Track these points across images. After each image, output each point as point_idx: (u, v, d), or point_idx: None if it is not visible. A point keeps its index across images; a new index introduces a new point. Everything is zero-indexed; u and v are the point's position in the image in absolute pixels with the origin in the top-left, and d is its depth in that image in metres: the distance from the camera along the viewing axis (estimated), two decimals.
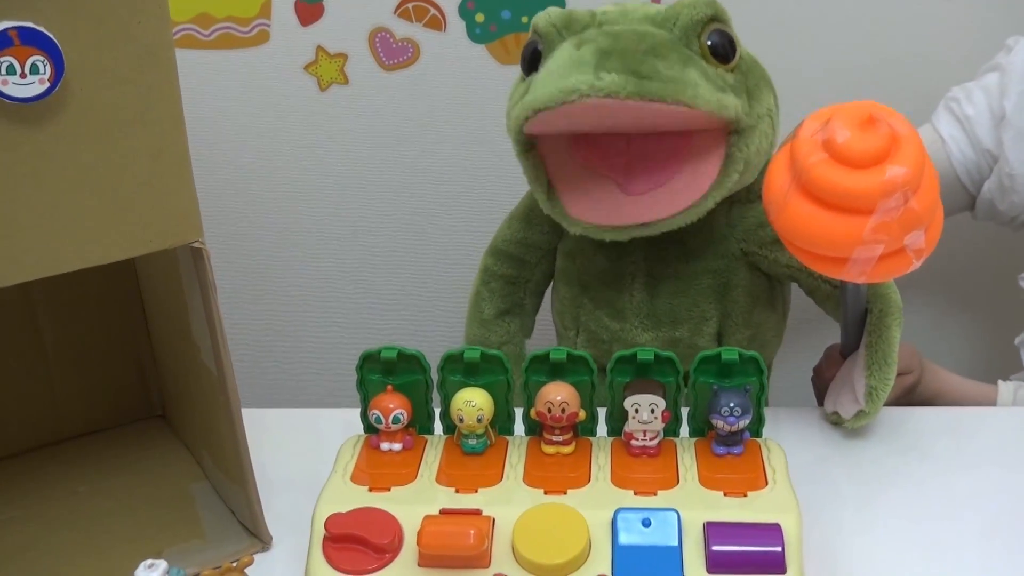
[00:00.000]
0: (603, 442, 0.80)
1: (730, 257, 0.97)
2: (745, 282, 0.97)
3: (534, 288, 1.07)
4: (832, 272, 0.79)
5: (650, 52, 0.84)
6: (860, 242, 0.75)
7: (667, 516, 0.71)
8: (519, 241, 1.05)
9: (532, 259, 1.05)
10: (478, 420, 0.77)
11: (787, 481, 0.75)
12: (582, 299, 1.01)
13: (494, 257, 1.06)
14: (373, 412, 0.79)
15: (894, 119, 0.76)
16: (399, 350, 0.79)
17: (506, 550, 0.70)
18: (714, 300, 0.97)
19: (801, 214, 0.77)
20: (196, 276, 0.74)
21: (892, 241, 0.76)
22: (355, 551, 0.71)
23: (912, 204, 0.75)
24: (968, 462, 0.90)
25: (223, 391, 0.77)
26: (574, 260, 1.01)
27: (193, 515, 0.86)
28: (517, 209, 1.05)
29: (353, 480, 0.77)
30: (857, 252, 0.76)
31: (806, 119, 0.79)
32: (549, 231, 1.03)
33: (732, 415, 0.76)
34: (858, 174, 0.74)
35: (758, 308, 0.99)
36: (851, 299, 0.90)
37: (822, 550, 0.78)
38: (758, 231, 0.95)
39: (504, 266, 1.06)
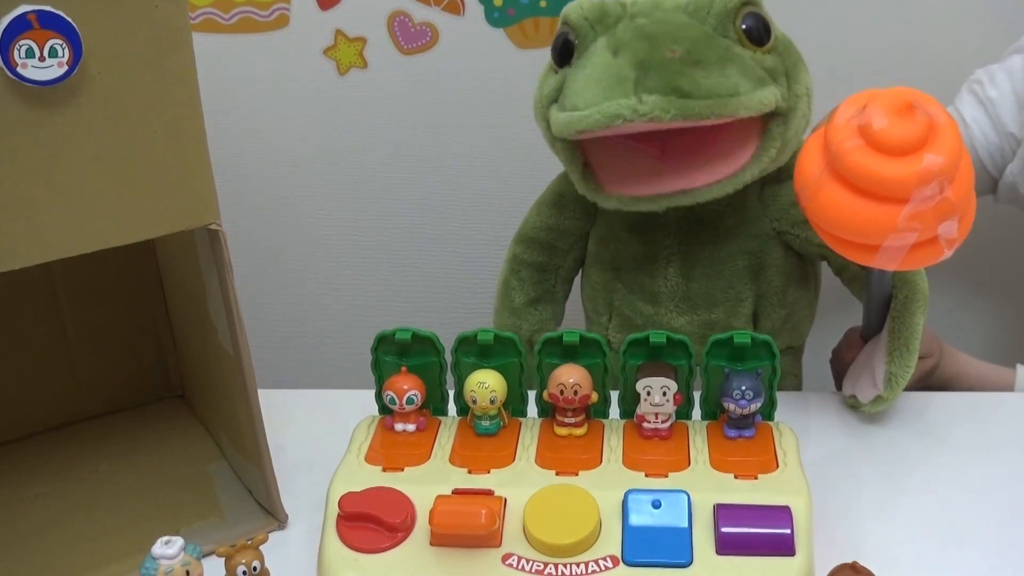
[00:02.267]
0: (615, 424, 0.80)
1: (764, 237, 0.96)
2: (779, 261, 0.97)
3: (565, 275, 1.06)
4: (862, 259, 0.79)
5: (688, 59, 0.83)
6: (893, 230, 0.75)
7: (677, 498, 0.72)
8: (550, 228, 1.03)
9: (563, 246, 1.04)
10: (491, 402, 0.78)
11: (798, 464, 0.76)
12: (615, 284, 1.01)
13: (523, 245, 1.04)
14: (387, 393, 0.79)
15: (932, 107, 0.76)
16: (413, 332, 0.80)
17: (517, 530, 0.71)
18: (749, 281, 0.97)
19: (834, 200, 0.77)
20: (213, 258, 0.75)
21: (925, 230, 0.75)
22: (368, 530, 0.72)
23: (947, 194, 0.74)
24: (986, 448, 0.90)
25: (239, 372, 0.77)
26: (607, 245, 1.01)
27: (211, 494, 0.87)
28: (546, 195, 1.04)
29: (367, 460, 0.78)
30: (889, 240, 0.76)
31: (841, 104, 0.78)
32: (581, 216, 1.02)
33: (744, 398, 0.76)
34: (894, 162, 0.74)
35: (792, 287, 0.99)
36: (876, 283, 0.90)
37: (836, 533, 0.78)
38: (791, 210, 0.95)
39: (534, 254, 1.04)
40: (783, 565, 0.68)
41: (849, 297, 1.00)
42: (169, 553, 0.69)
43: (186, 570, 0.69)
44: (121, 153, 0.68)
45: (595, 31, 0.89)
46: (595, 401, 0.79)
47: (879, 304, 0.92)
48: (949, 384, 1.03)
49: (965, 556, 0.78)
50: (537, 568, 0.69)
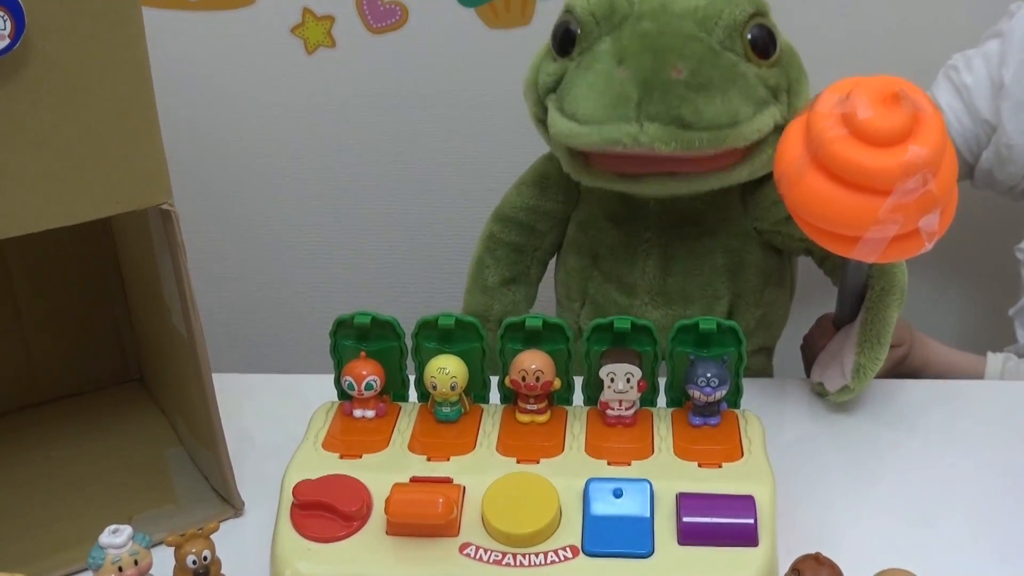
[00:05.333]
0: (578, 411, 0.79)
1: (744, 236, 0.95)
2: (758, 261, 0.96)
3: (541, 257, 1.05)
4: (841, 250, 0.78)
5: (692, 82, 0.83)
6: (874, 222, 0.73)
7: (639, 486, 0.70)
8: (530, 208, 1.02)
9: (542, 227, 1.03)
10: (452, 388, 0.76)
11: (763, 452, 0.74)
12: (592, 271, 0.99)
13: (501, 223, 1.03)
14: (346, 378, 0.78)
15: (918, 97, 0.74)
16: (373, 316, 0.78)
17: (476, 519, 0.70)
18: (727, 279, 0.96)
19: (814, 189, 0.76)
20: (166, 238, 0.73)
21: (907, 223, 0.74)
22: (323, 518, 0.70)
23: (931, 186, 0.73)
24: (955, 435, 0.89)
25: (193, 354, 0.76)
26: (587, 231, 1.00)
27: (166, 480, 0.85)
28: (528, 175, 1.02)
29: (324, 447, 0.76)
30: (870, 232, 0.74)
31: (824, 91, 0.76)
32: (563, 199, 1.01)
33: (709, 385, 0.75)
34: (878, 152, 0.72)
35: (769, 287, 0.98)
36: (853, 271, 0.89)
37: (802, 522, 0.77)
38: (772, 209, 0.93)
39: (512, 233, 1.03)
40: (745, 556, 0.67)
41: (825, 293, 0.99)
42: (117, 542, 0.67)
43: (134, 560, 0.67)
44: (67, 130, 0.66)
45: (600, 28, 0.87)
46: (558, 388, 0.77)
47: (854, 293, 0.90)
48: (920, 372, 1.02)
49: (933, 544, 0.77)
50: (495, 558, 0.68)
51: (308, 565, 0.69)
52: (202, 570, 0.67)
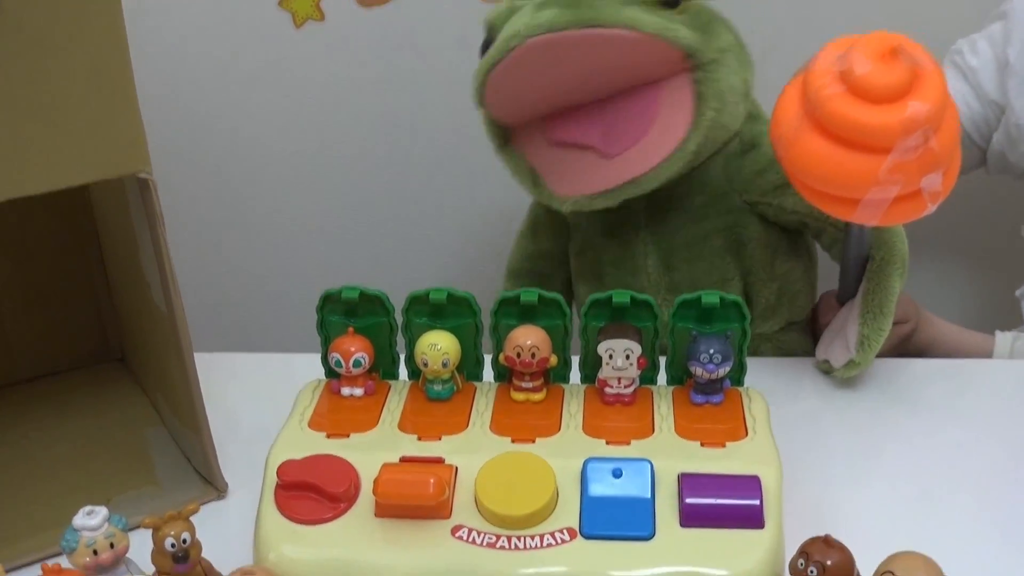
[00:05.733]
0: (575, 389, 0.76)
1: (736, 212, 0.93)
2: (758, 234, 0.93)
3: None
4: (842, 214, 0.75)
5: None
6: (875, 182, 0.71)
7: (640, 466, 0.67)
8: (530, 256, 1.05)
9: (548, 270, 1.04)
10: (443, 365, 0.73)
11: (768, 432, 0.71)
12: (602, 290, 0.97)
13: (513, 280, 1.06)
14: (333, 355, 0.74)
15: (917, 52, 0.71)
16: (361, 290, 0.75)
17: (469, 501, 0.67)
18: (731, 259, 0.93)
19: (812, 150, 0.73)
20: (144, 209, 0.69)
21: (908, 183, 0.71)
22: (308, 500, 0.67)
23: (932, 144, 0.70)
24: (962, 414, 0.87)
25: (173, 330, 0.72)
26: (585, 255, 0.99)
27: (147, 462, 0.82)
28: (523, 227, 1.05)
29: (311, 426, 0.73)
30: (871, 193, 0.71)
31: (822, 49, 0.74)
32: (555, 236, 1.03)
33: (712, 362, 0.72)
34: (877, 109, 0.70)
35: (779, 259, 0.95)
36: (854, 243, 0.86)
37: (808, 503, 0.74)
38: (756, 180, 0.91)
39: (522, 284, 1.03)
40: (751, 538, 0.64)
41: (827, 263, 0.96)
42: (91, 524, 0.64)
43: (110, 543, 0.64)
44: (38, 94, 0.63)
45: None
46: (554, 365, 0.74)
47: (855, 266, 0.88)
48: (926, 350, 0.99)
49: (941, 523, 0.74)
50: (489, 541, 0.65)
51: (293, 548, 0.66)
52: (181, 553, 0.64)
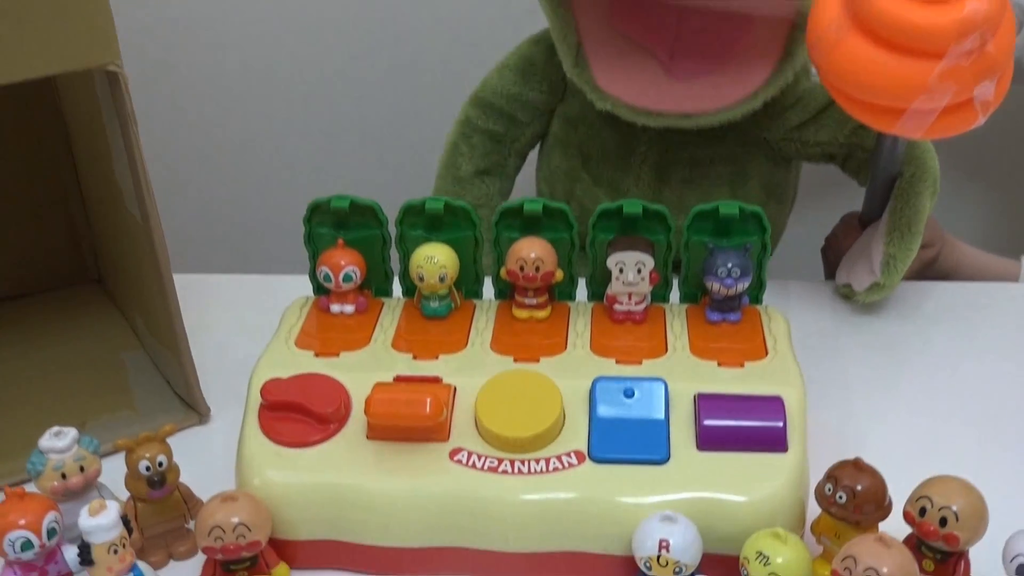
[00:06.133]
0: (582, 307, 0.71)
1: (751, 145, 0.88)
2: (761, 173, 0.89)
3: (520, 149, 0.97)
4: (883, 125, 0.69)
5: None
6: (924, 90, 0.65)
7: (653, 386, 0.62)
8: (511, 96, 0.93)
9: (524, 118, 0.94)
10: (440, 279, 0.68)
11: (790, 351, 0.66)
12: (580, 172, 0.92)
13: (479, 109, 0.94)
14: (322, 269, 0.69)
15: None
16: (351, 200, 0.69)
17: (468, 422, 0.62)
18: (728, 192, 0.89)
19: (856, 55, 0.67)
20: (114, 107, 0.64)
21: (960, 91, 0.65)
22: (295, 421, 0.62)
23: (989, 48, 0.64)
24: (986, 340, 0.82)
25: (148, 240, 0.67)
26: (576, 128, 0.92)
27: (124, 385, 0.77)
28: (511, 59, 0.93)
29: (298, 344, 0.68)
30: (918, 102, 0.66)
31: None
32: (548, 91, 0.93)
33: (730, 276, 0.67)
34: (930, 9, 0.64)
35: (771, 203, 0.90)
36: (885, 160, 0.81)
37: (829, 430, 0.70)
38: (780, 118, 0.86)
39: (490, 120, 0.94)
40: (773, 463, 0.59)
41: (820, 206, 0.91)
42: (59, 446, 0.59)
43: (80, 466, 0.59)
44: None
45: None
46: (559, 280, 0.69)
47: (884, 184, 0.83)
48: (949, 276, 0.94)
49: (965, 452, 0.70)
50: (490, 465, 0.60)
51: (278, 473, 0.61)
52: (157, 477, 0.60)
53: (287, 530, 0.61)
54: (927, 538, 0.55)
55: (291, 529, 0.61)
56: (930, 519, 0.55)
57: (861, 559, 0.51)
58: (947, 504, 0.54)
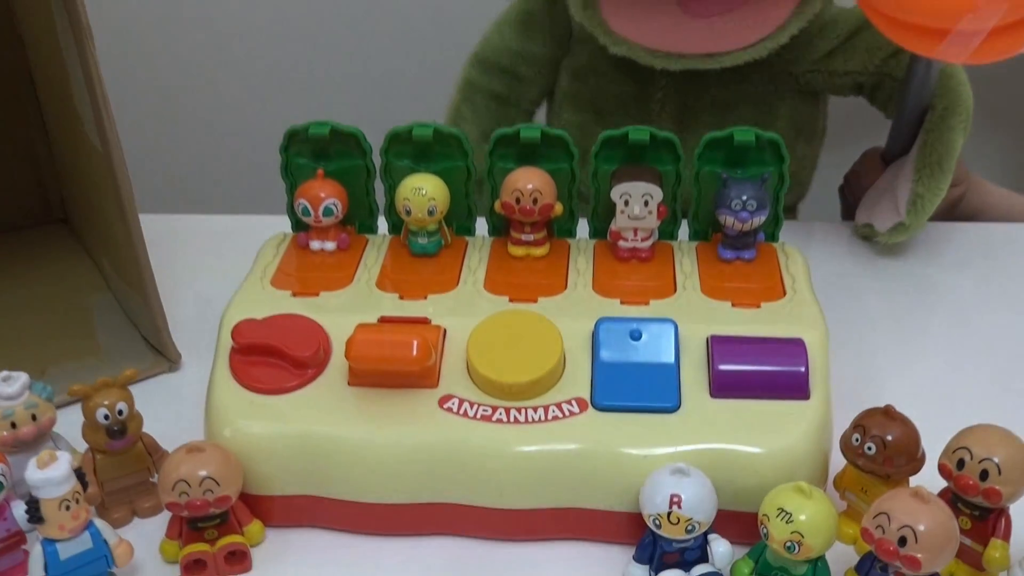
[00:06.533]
0: (584, 244, 0.65)
1: (777, 81, 0.83)
2: (790, 111, 0.84)
3: (527, 108, 0.92)
4: (924, 48, 0.64)
5: None
6: (971, 8, 0.60)
7: (662, 328, 0.57)
8: (513, 52, 0.88)
9: (528, 73, 0.89)
10: (429, 213, 0.62)
11: (810, 291, 0.61)
12: (594, 128, 0.86)
13: (480, 69, 0.89)
14: (300, 202, 0.64)
15: None
16: (332, 126, 0.63)
17: (459, 367, 0.56)
18: None
19: None
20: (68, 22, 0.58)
21: (1013, 10, 0.60)
22: (269, 366, 0.57)
23: None
24: (1015, 283, 0.78)
25: (109, 170, 0.61)
26: (586, 81, 0.86)
27: (89, 330, 0.72)
28: (509, 14, 0.89)
29: (274, 283, 0.62)
30: (965, 22, 0.60)
31: None
32: (551, 43, 0.88)
33: (745, 210, 0.61)
34: None
35: (801, 142, 0.86)
36: (915, 91, 0.76)
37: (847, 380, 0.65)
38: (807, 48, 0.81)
39: (493, 80, 0.89)
40: (794, 411, 0.54)
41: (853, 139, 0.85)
42: (8, 392, 0.54)
43: (31, 414, 0.54)
44: None
45: None
46: (559, 214, 0.63)
47: (912, 118, 0.78)
48: (974, 217, 0.89)
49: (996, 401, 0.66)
50: (483, 413, 0.55)
51: (251, 422, 0.55)
52: (116, 426, 0.54)
53: (261, 485, 0.55)
54: (965, 493, 0.50)
55: (265, 484, 0.55)
56: (969, 472, 0.49)
57: (895, 516, 0.46)
58: (988, 455, 0.49)
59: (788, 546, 0.48)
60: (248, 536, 0.55)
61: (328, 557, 0.56)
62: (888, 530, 0.46)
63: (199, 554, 0.53)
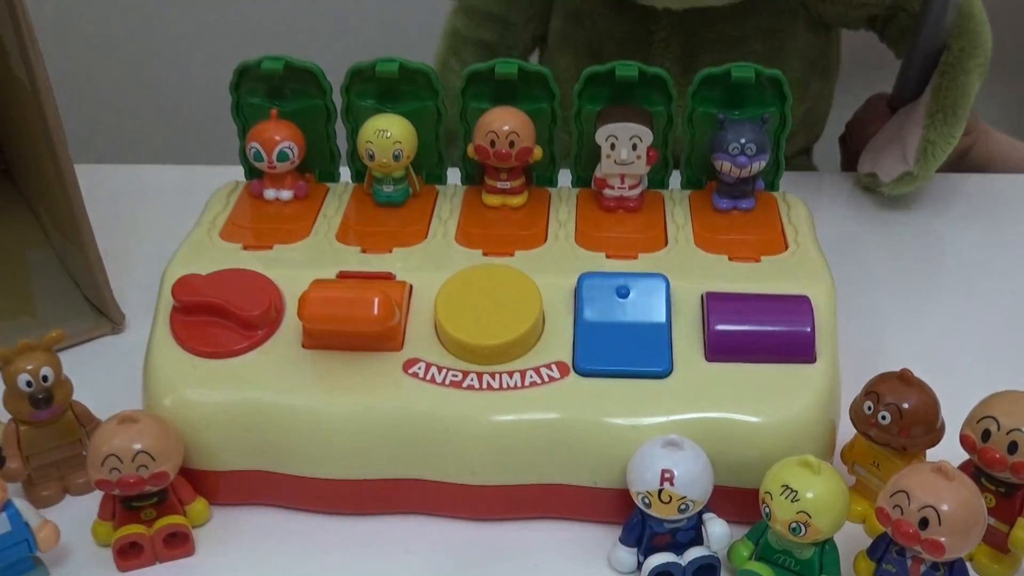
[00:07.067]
0: (566, 193, 0.60)
1: (787, 14, 0.77)
2: (801, 45, 0.79)
3: (519, 56, 0.85)
4: None
5: None
6: None
7: (652, 283, 0.51)
8: None
9: (518, 18, 0.84)
10: (395, 157, 0.56)
11: (814, 244, 0.56)
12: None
13: (466, 17, 0.84)
14: (252, 145, 0.58)
15: None
16: (287, 61, 0.58)
17: (427, 327, 0.51)
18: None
19: None
20: None
21: None
22: (214, 326, 0.51)
23: None
24: None
25: (38, 108, 0.55)
26: (581, 23, 0.81)
27: (24, 288, 0.66)
28: None
29: (223, 236, 0.56)
30: None
31: None
32: None
33: (743, 154, 0.56)
34: None
35: (814, 77, 0.80)
36: (930, 29, 0.70)
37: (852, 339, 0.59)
38: None
39: (481, 28, 0.84)
40: (799, 376, 0.49)
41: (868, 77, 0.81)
42: None
43: None
44: None
45: None
46: (538, 159, 0.58)
47: (925, 59, 0.72)
48: (983, 167, 0.85)
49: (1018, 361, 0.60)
50: (453, 379, 0.49)
51: (194, 390, 0.50)
52: (41, 394, 0.49)
53: (206, 459, 0.50)
54: (991, 467, 0.45)
55: (211, 458, 0.50)
56: (996, 444, 0.44)
57: (916, 495, 0.41)
58: (1017, 426, 0.44)
59: (793, 527, 0.43)
60: (191, 516, 0.49)
61: (281, 538, 0.50)
62: (907, 510, 0.41)
63: (134, 536, 0.48)
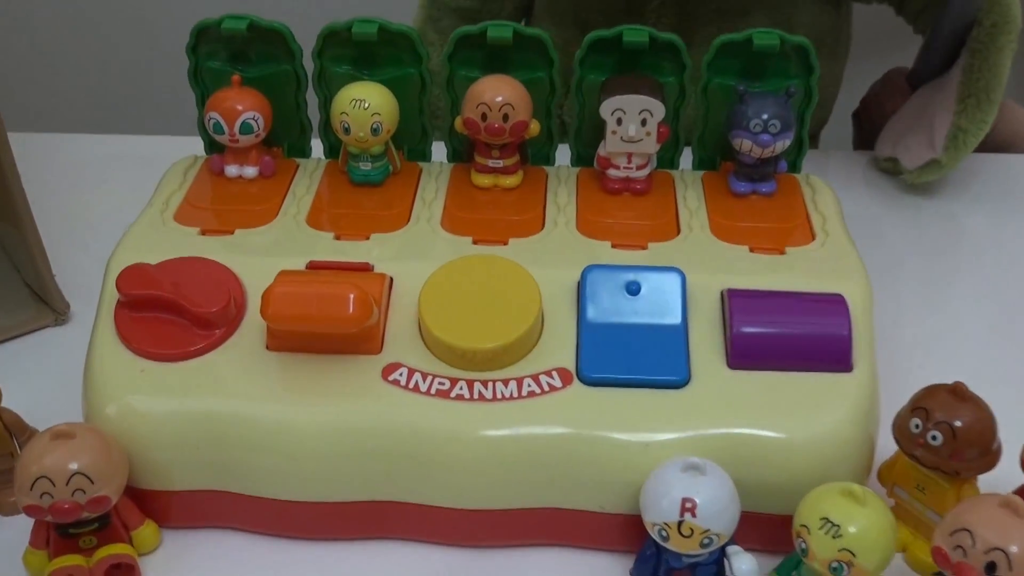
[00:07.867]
0: (565, 172, 0.54)
1: None
2: (810, 19, 0.75)
3: None
4: None
5: None
6: None
7: (666, 279, 0.46)
8: None
9: None
10: (373, 131, 0.50)
11: (844, 233, 0.50)
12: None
13: None
14: (211, 116, 0.51)
15: None
16: (251, 21, 0.52)
17: (409, 328, 0.45)
18: None
19: None
20: None
21: None
22: (166, 324, 0.45)
23: None
24: None
25: None
26: None
27: None
28: None
29: (177, 219, 0.50)
30: None
31: None
32: None
33: (766, 132, 0.50)
34: None
35: (823, 56, 0.72)
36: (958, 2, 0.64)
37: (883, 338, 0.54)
38: None
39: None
40: (834, 386, 0.43)
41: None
42: None
43: None
44: None
45: None
46: (535, 134, 0.52)
47: (950, 34, 0.67)
48: (1006, 147, 0.79)
49: None
50: (439, 387, 0.43)
51: (142, 398, 0.44)
52: None
53: (155, 477, 0.44)
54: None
55: (161, 476, 0.44)
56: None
57: (981, 534, 0.35)
58: None
59: (834, 567, 0.37)
60: (137, 543, 0.43)
61: (241, 567, 0.44)
62: (971, 552, 0.35)
63: (70, 569, 0.41)
